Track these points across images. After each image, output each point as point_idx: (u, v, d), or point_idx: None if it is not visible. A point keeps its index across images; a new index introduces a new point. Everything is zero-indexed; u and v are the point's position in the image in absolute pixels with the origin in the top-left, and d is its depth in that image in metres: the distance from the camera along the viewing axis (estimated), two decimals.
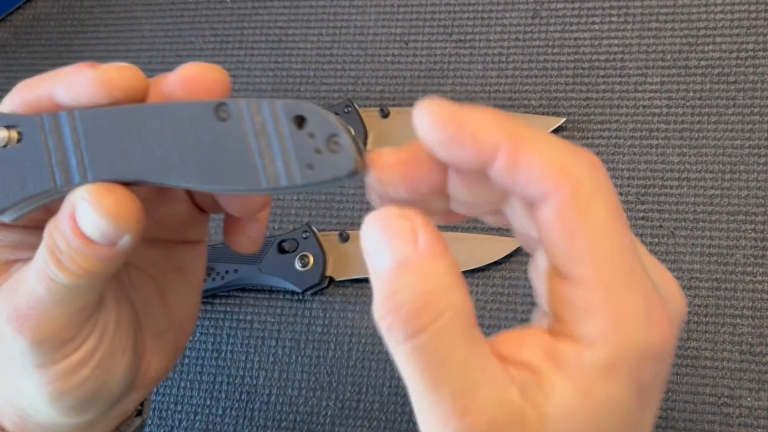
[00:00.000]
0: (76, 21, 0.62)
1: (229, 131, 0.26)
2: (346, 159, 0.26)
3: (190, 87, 0.28)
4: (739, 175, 0.48)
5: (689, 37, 0.51)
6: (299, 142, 0.26)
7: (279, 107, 0.26)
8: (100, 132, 0.28)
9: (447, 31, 0.55)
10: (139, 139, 0.27)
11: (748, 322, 0.46)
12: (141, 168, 0.27)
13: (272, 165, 0.26)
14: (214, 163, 0.27)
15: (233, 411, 0.52)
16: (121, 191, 0.27)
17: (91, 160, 0.28)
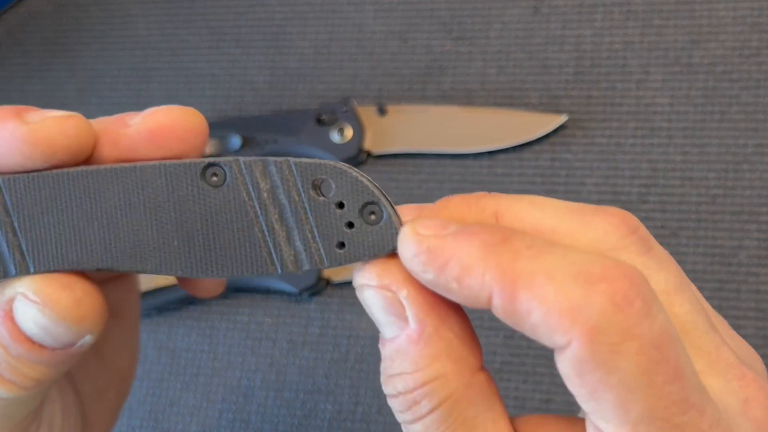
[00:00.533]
0: (71, 19, 0.61)
1: (225, 201, 0.21)
2: (388, 233, 0.20)
3: (161, 143, 0.22)
4: (742, 174, 0.48)
5: (692, 34, 0.50)
6: (323, 214, 0.21)
7: (293, 169, 0.21)
8: (40, 205, 0.21)
9: (446, 27, 0.54)
10: (97, 215, 0.21)
11: (752, 323, 0.46)
12: (103, 253, 0.21)
13: (288, 245, 0.21)
14: (210, 245, 0.21)
15: (229, 414, 0.51)
16: (79, 285, 0.22)
17: (31, 243, 0.21)
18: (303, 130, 0.53)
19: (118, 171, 0.21)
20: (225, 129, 0.54)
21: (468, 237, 0.19)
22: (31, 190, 0.21)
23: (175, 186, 0.21)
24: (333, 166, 0.21)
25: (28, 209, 0.22)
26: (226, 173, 0.21)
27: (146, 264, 0.21)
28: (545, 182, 0.50)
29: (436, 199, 0.52)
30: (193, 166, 0.21)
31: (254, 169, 0.21)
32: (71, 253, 0.22)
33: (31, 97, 0.60)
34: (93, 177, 0.21)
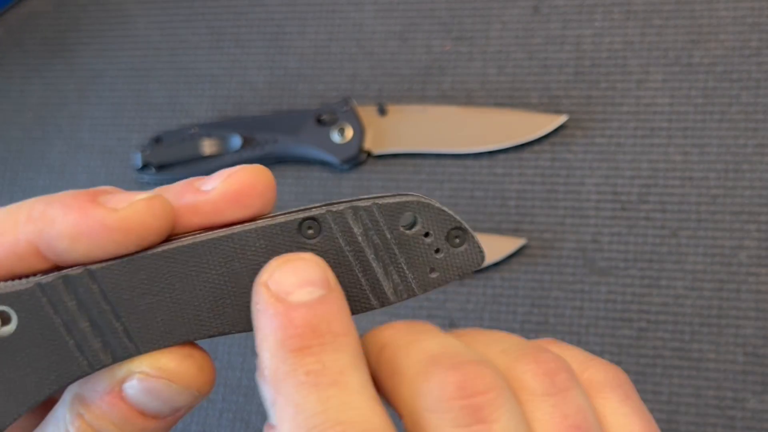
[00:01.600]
0: (71, 18, 0.61)
1: (323, 250, 0.22)
2: (473, 252, 0.22)
3: (246, 202, 0.22)
4: (743, 174, 0.48)
5: (692, 34, 0.50)
6: (413, 246, 0.22)
7: (378, 210, 0.22)
8: (140, 288, 0.22)
9: (446, 27, 0.54)
10: (199, 287, 0.22)
11: (752, 323, 0.46)
12: (211, 321, 0.22)
13: (386, 279, 0.22)
14: None
15: (229, 414, 0.51)
16: (198, 353, 0.23)
17: (135, 325, 0.22)
18: (303, 130, 0.53)
19: (215, 242, 0.22)
20: (225, 129, 0.54)
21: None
22: (128, 274, 0.22)
23: (275, 246, 0.22)
24: (417, 201, 0.22)
25: (128, 293, 0.22)
26: (320, 225, 0.22)
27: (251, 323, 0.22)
28: (545, 182, 0.50)
29: (436, 199, 0.51)
30: (289, 224, 0.22)
31: (346, 217, 0.22)
32: (179, 327, 0.22)
33: (30, 96, 0.60)
34: (191, 252, 0.22)
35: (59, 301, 0.21)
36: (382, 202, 0.22)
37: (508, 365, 0.22)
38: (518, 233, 0.50)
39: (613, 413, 0.22)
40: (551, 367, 0.21)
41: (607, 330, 0.47)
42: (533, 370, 0.21)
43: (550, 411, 0.21)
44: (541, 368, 0.21)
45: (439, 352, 0.21)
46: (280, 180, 0.54)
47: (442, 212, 0.22)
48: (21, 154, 0.59)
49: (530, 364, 0.21)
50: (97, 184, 0.60)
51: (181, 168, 0.54)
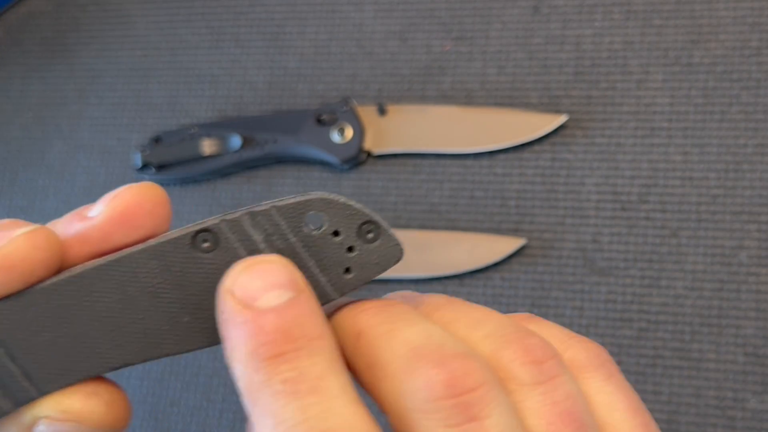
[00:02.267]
0: (70, 19, 0.61)
1: (224, 262, 0.20)
2: (390, 245, 0.21)
3: (135, 223, 0.21)
4: (743, 174, 0.48)
5: (692, 34, 0.50)
6: (322, 248, 0.21)
7: (279, 214, 0.20)
8: (33, 325, 0.20)
9: (446, 27, 0.54)
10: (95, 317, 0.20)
11: (753, 323, 0.46)
12: (114, 352, 0.20)
13: None
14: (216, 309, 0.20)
15: (230, 414, 0.51)
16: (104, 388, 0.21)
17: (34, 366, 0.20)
18: (303, 130, 0.53)
19: (105, 266, 0.20)
20: (225, 129, 0.54)
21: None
22: (18, 313, 0.20)
23: (168, 264, 0.20)
24: (318, 199, 0.20)
25: (21, 332, 0.20)
26: (216, 236, 0.20)
27: (162, 349, 0.21)
28: (545, 182, 0.50)
29: (436, 198, 0.51)
30: (181, 240, 0.20)
31: (243, 225, 0.20)
32: (80, 363, 0.21)
33: (30, 96, 0.60)
34: (81, 281, 0.20)
35: None
36: (281, 204, 0.20)
37: (493, 353, 0.21)
38: (518, 233, 0.50)
39: (598, 392, 0.22)
40: (539, 354, 0.21)
41: (607, 330, 0.47)
42: (521, 359, 0.21)
43: (540, 399, 0.20)
44: (529, 356, 0.21)
45: (421, 343, 0.20)
46: (279, 180, 0.54)
47: (349, 207, 0.21)
48: (21, 154, 0.59)
49: (517, 352, 0.21)
50: (96, 184, 0.60)
51: (181, 168, 0.54)
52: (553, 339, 0.22)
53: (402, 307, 0.21)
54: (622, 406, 0.21)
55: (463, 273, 0.50)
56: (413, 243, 0.50)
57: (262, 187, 0.54)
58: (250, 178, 0.55)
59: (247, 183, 0.55)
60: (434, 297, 0.23)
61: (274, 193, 0.54)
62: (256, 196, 0.54)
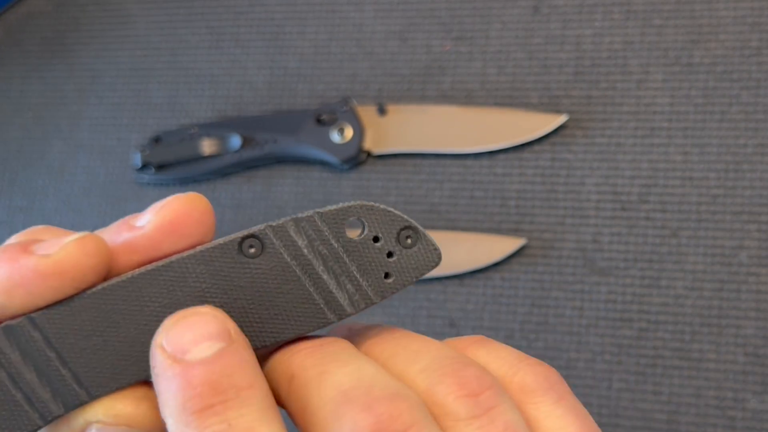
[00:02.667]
0: (70, 19, 0.61)
1: (269, 268, 0.21)
2: (428, 250, 0.21)
3: (184, 232, 0.22)
4: (743, 174, 0.48)
5: (692, 34, 0.50)
6: (363, 253, 0.21)
7: (321, 220, 0.21)
8: (84, 330, 0.21)
9: (446, 27, 0.54)
10: (144, 321, 0.21)
11: (753, 323, 0.46)
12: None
13: (340, 290, 0.21)
14: (265, 313, 0.21)
15: None
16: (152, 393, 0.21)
17: (84, 370, 0.21)
18: (303, 129, 0.53)
19: (155, 272, 0.21)
20: (225, 129, 0.54)
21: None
22: (70, 317, 0.21)
23: (216, 269, 0.21)
24: (359, 206, 0.21)
25: (72, 337, 0.21)
26: (262, 242, 0.21)
27: None
28: (545, 182, 0.50)
29: (436, 198, 0.51)
30: (229, 245, 0.21)
31: (288, 230, 0.21)
32: (129, 367, 0.21)
33: (30, 96, 0.60)
34: (131, 286, 0.21)
35: (1, 353, 0.21)
36: (323, 210, 0.21)
37: (428, 388, 0.20)
38: (518, 233, 0.50)
39: (548, 416, 0.21)
40: (474, 386, 0.20)
41: (607, 330, 0.47)
42: (455, 393, 0.20)
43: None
44: (464, 389, 0.20)
45: (350, 386, 0.19)
46: (279, 180, 0.54)
47: (389, 213, 0.21)
48: (20, 154, 0.59)
49: (452, 386, 0.20)
50: (96, 184, 0.60)
51: (181, 168, 0.54)
52: (503, 362, 0.22)
53: (337, 346, 0.21)
54: (574, 429, 0.21)
55: (463, 273, 0.50)
56: None
57: (262, 187, 0.54)
58: (250, 178, 0.55)
59: (247, 183, 0.55)
60: (377, 329, 0.23)
61: (273, 192, 0.54)
62: (256, 196, 0.54)
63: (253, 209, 0.54)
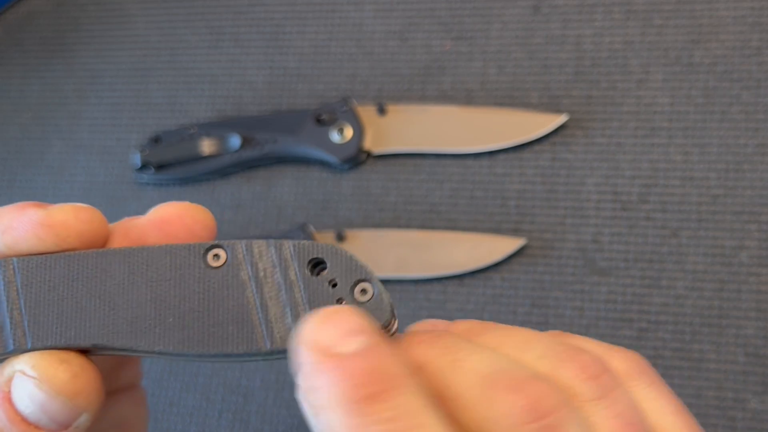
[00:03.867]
0: (70, 18, 0.61)
1: (224, 280, 0.22)
2: (378, 309, 0.22)
3: (170, 231, 0.23)
4: (743, 174, 0.48)
5: (693, 34, 0.50)
6: (317, 292, 0.22)
7: (290, 249, 0.22)
8: (45, 285, 0.22)
9: (446, 27, 0.54)
10: (100, 293, 0.22)
11: (753, 323, 0.46)
12: (100, 330, 0.22)
13: (281, 322, 0.22)
14: (204, 322, 0.22)
15: (229, 414, 0.51)
16: (76, 360, 0.22)
17: (33, 321, 0.22)
18: (303, 129, 0.53)
19: (125, 252, 0.22)
20: (224, 129, 0.54)
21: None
22: (41, 270, 0.23)
23: (177, 265, 0.22)
24: (329, 247, 0.22)
25: (35, 289, 0.23)
26: (227, 254, 0.22)
27: (140, 340, 0.22)
28: (545, 182, 0.50)
29: (436, 198, 0.51)
30: (196, 248, 0.22)
31: (254, 251, 0.22)
32: (69, 329, 0.22)
33: (29, 96, 0.60)
34: (101, 258, 0.22)
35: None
36: (294, 243, 0.22)
37: (551, 372, 0.21)
38: (518, 233, 0.50)
39: (645, 400, 0.22)
40: (594, 369, 0.21)
41: (607, 330, 0.47)
42: (579, 376, 0.21)
43: (606, 414, 0.21)
44: (586, 372, 0.21)
45: (490, 370, 0.20)
46: (279, 180, 0.54)
47: (352, 262, 0.22)
48: (20, 154, 0.59)
49: (575, 370, 0.21)
50: (96, 184, 0.60)
51: (181, 168, 0.54)
52: (595, 350, 0.23)
53: (453, 337, 0.22)
54: (670, 410, 0.22)
55: (463, 273, 0.50)
56: (413, 243, 0.50)
57: (262, 187, 0.54)
58: (250, 178, 0.55)
59: (246, 183, 0.55)
60: (466, 323, 0.24)
61: (273, 192, 0.54)
62: (255, 196, 0.54)
63: (253, 209, 0.54)
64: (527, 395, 0.19)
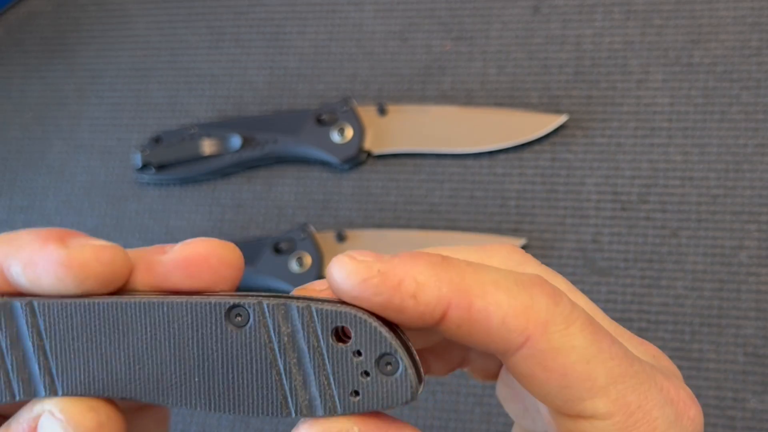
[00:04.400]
0: (70, 19, 0.61)
1: (247, 343, 0.21)
2: (403, 385, 0.21)
3: (193, 272, 0.22)
4: (743, 174, 0.48)
5: (692, 34, 0.50)
6: (341, 362, 0.21)
7: (314, 315, 0.21)
8: (70, 332, 0.22)
9: (446, 27, 0.54)
10: (123, 346, 0.22)
11: (753, 323, 0.46)
12: (128, 383, 0.22)
13: (304, 390, 0.21)
14: (228, 384, 0.21)
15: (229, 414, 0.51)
16: (104, 409, 0.22)
17: (60, 368, 0.22)
18: (303, 129, 0.53)
19: (146, 305, 0.22)
20: (225, 129, 0.54)
21: (413, 258, 0.21)
22: (64, 316, 0.22)
23: (199, 325, 0.22)
24: (354, 314, 0.21)
25: (60, 334, 0.22)
26: (249, 315, 0.21)
27: (168, 397, 0.22)
28: (545, 182, 0.50)
29: (436, 198, 0.51)
30: (218, 307, 0.21)
31: (276, 313, 0.21)
32: (98, 381, 0.22)
33: (30, 96, 0.60)
34: (122, 309, 0.22)
35: (5, 324, 0.22)
36: (318, 306, 0.21)
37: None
38: (518, 233, 0.50)
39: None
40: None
41: None
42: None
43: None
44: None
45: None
46: (279, 180, 0.54)
47: (377, 333, 0.21)
48: (21, 154, 0.59)
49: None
50: (96, 184, 0.60)
51: (181, 168, 0.54)
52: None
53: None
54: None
55: None
56: (413, 243, 0.50)
57: (262, 187, 0.54)
58: (250, 178, 0.55)
59: (247, 183, 0.55)
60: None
61: (274, 192, 0.54)
62: (256, 196, 0.54)
63: (253, 209, 0.54)
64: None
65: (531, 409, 0.25)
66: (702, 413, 0.23)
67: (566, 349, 0.21)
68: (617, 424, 0.21)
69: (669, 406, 0.21)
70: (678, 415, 0.22)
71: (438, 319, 0.21)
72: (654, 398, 0.21)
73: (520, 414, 0.26)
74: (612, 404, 0.21)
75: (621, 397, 0.21)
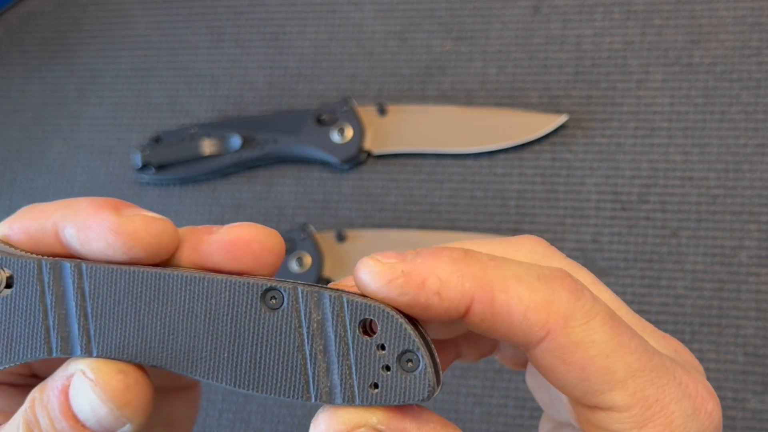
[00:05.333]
0: (70, 18, 0.61)
1: (278, 325, 0.22)
2: (421, 383, 0.21)
3: (236, 255, 0.23)
4: (743, 174, 0.48)
5: (692, 34, 0.50)
6: (364, 353, 0.21)
7: (345, 305, 0.22)
8: (112, 297, 0.23)
9: (446, 27, 0.54)
10: (161, 315, 0.23)
11: (753, 323, 0.46)
12: (160, 351, 0.23)
13: (327, 377, 0.22)
14: (255, 362, 0.22)
15: (229, 414, 0.51)
16: (133, 373, 0.23)
17: (98, 330, 0.23)
18: (303, 129, 0.53)
19: (187, 279, 0.23)
20: (225, 129, 0.54)
21: (435, 256, 0.21)
22: (109, 281, 0.23)
23: (235, 303, 0.22)
24: (382, 309, 0.21)
25: (102, 298, 0.23)
26: (284, 298, 0.22)
27: (196, 369, 0.23)
28: (545, 182, 0.50)
29: (436, 198, 0.51)
30: (255, 287, 0.22)
31: (309, 299, 0.22)
32: (132, 346, 0.23)
33: (30, 96, 0.60)
34: (163, 280, 0.23)
35: (49, 283, 0.23)
36: (350, 297, 0.22)
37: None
38: (518, 233, 0.50)
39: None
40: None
41: None
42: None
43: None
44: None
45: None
46: (280, 180, 0.54)
47: (402, 329, 0.21)
48: (21, 154, 0.59)
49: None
50: (96, 184, 0.60)
51: (181, 168, 0.54)
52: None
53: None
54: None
55: None
56: (413, 243, 0.50)
57: (262, 187, 0.54)
58: (250, 178, 0.55)
59: (247, 183, 0.55)
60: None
61: (274, 192, 0.54)
62: (256, 196, 0.54)
63: (254, 209, 0.54)
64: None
65: (555, 399, 0.26)
66: (720, 407, 0.23)
67: (586, 343, 0.21)
68: (634, 417, 0.21)
69: (687, 400, 0.22)
70: (695, 409, 0.22)
71: (463, 313, 0.21)
72: (672, 392, 0.22)
73: (548, 403, 0.26)
74: (630, 397, 0.21)
75: (639, 390, 0.21)
